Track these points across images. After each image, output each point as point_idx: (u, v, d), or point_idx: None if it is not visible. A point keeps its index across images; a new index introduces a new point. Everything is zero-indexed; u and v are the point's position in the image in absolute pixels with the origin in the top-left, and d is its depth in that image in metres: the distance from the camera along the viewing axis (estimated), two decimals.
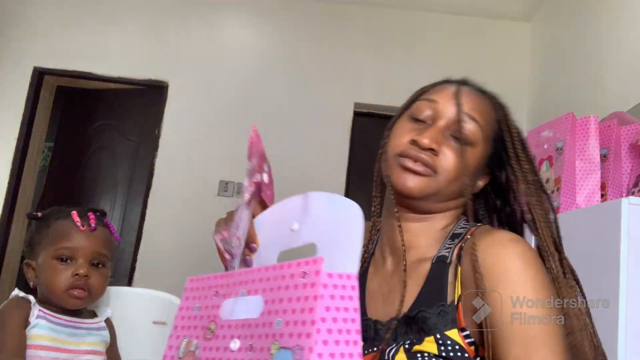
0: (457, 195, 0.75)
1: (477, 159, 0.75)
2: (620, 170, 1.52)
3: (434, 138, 0.72)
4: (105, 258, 1.02)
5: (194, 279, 0.59)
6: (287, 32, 3.50)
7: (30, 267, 1.01)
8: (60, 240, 0.98)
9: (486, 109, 0.77)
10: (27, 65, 3.36)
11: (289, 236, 0.59)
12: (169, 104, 3.37)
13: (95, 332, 1.01)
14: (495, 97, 0.82)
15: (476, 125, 0.74)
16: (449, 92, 0.76)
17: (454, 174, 0.72)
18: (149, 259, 3.19)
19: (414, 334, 0.66)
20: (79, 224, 0.99)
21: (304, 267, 0.46)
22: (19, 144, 3.30)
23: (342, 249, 0.52)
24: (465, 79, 0.82)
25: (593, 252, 1.26)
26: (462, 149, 0.73)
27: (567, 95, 2.73)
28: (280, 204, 0.63)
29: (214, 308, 0.54)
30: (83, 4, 3.47)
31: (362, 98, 3.40)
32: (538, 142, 1.75)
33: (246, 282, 0.52)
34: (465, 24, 3.45)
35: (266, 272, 0.50)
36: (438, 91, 0.78)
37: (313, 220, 0.57)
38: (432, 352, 0.64)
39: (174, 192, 3.27)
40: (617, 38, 2.30)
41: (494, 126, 0.77)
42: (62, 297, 0.97)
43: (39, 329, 0.93)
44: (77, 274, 0.96)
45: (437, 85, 0.80)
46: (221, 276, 0.56)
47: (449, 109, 0.75)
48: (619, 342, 1.10)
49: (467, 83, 0.81)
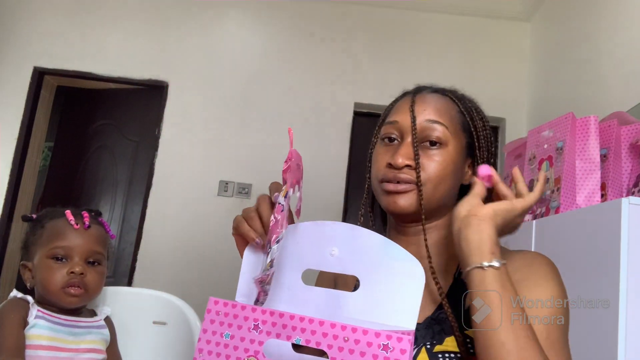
0: (450, 195, 0.79)
1: (453, 154, 0.77)
2: (620, 170, 1.51)
3: (405, 155, 0.75)
4: (101, 256, 1.02)
5: (219, 302, 0.57)
6: (287, 32, 3.50)
7: (26, 268, 1.01)
8: (55, 240, 0.98)
9: (445, 106, 0.80)
10: (27, 65, 3.36)
11: (324, 258, 0.59)
12: (169, 104, 3.37)
13: (95, 330, 1.01)
14: (453, 91, 0.85)
15: (440, 125, 0.77)
16: (406, 107, 0.80)
17: (437, 178, 0.75)
18: (149, 259, 3.19)
19: (436, 335, 0.69)
20: (72, 223, 0.99)
21: (389, 341, 0.45)
22: (19, 144, 3.30)
23: (398, 302, 0.52)
24: (421, 86, 0.86)
25: (593, 252, 1.26)
26: (437, 152, 0.76)
27: (567, 95, 2.73)
28: (316, 224, 0.61)
29: (253, 343, 0.53)
30: (83, 4, 3.47)
31: (362, 98, 3.40)
32: (538, 142, 1.75)
33: (304, 329, 0.50)
34: (465, 24, 3.45)
35: (333, 328, 0.49)
36: (396, 110, 0.82)
37: (360, 255, 0.57)
38: (453, 350, 0.67)
39: (174, 192, 3.27)
40: (617, 38, 2.30)
41: (460, 117, 0.80)
42: (58, 295, 0.97)
43: (38, 328, 0.93)
44: (72, 272, 0.96)
45: (396, 103, 0.84)
46: (263, 311, 0.54)
47: (410, 122, 0.78)
48: (619, 342, 1.10)
49: (422, 89, 0.84)
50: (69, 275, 0.96)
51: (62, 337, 0.95)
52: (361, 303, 0.55)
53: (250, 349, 0.53)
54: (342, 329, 0.48)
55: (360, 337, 0.46)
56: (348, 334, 0.47)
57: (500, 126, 3.35)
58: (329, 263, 0.58)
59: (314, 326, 0.50)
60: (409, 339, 0.45)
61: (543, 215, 1.65)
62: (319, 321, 0.50)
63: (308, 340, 0.49)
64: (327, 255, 0.58)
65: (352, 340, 0.47)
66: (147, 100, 3.46)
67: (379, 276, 0.54)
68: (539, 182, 0.71)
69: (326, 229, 0.60)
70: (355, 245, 0.57)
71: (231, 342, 0.54)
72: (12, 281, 3.41)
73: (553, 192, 1.61)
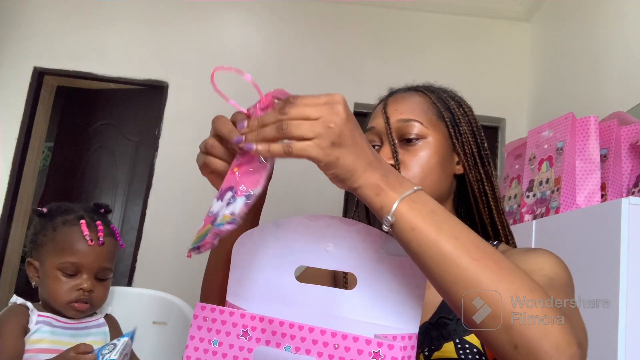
0: (443, 187, 0.77)
1: (436, 146, 0.77)
2: (620, 170, 1.51)
3: (385, 155, 0.75)
4: (109, 271, 1.01)
5: (206, 307, 0.54)
6: (287, 32, 3.50)
7: (32, 266, 1.00)
8: (66, 253, 0.96)
9: (417, 101, 0.80)
10: (27, 65, 3.36)
11: (319, 254, 0.56)
12: (169, 104, 3.37)
13: (95, 329, 1.00)
14: (425, 86, 0.85)
15: (414, 122, 0.76)
16: (379, 112, 0.81)
17: (422, 173, 0.75)
18: (149, 259, 3.19)
19: (434, 341, 0.67)
20: (87, 238, 0.97)
21: (379, 349, 0.43)
22: (19, 144, 3.30)
23: (399, 301, 0.49)
24: (392, 90, 0.87)
25: (593, 252, 1.26)
26: (416, 148, 0.76)
27: (567, 95, 2.73)
28: (310, 218, 0.58)
29: (242, 350, 0.51)
30: (83, 4, 3.46)
31: (362, 98, 3.40)
32: (538, 142, 1.75)
33: (294, 336, 0.48)
34: (465, 24, 3.45)
35: (323, 335, 0.46)
36: (372, 117, 0.82)
37: (357, 251, 0.54)
38: (451, 357, 0.64)
39: (174, 192, 3.27)
40: (617, 38, 2.30)
41: (434, 109, 0.79)
42: (63, 308, 0.96)
43: (40, 334, 0.92)
44: (81, 289, 0.95)
45: (373, 112, 0.85)
46: (252, 317, 0.51)
47: (384, 125, 0.78)
48: (619, 342, 1.10)
49: (395, 92, 0.86)
50: (77, 291, 0.95)
51: (64, 339, 0.94)
52: (359, 302, 0.53)
53: (240, 357, 0.51)
54: (332, 335, 0.46)
55: (351, 344, 0.45)
56: (338, 340, 0.45)
57: (500, 126, 3.35)
58: (324, 259, 0.55)
59: (303, 333, 0.48)
60: (400, 346, 0.43)
61: (543, 215, 1.65)
62: (309, 328, 0.48)
63: (298, 347, 0.47)
64: (322, 251, 0.55)
65: (342, 347, 0.45)
66: (147, 100, 3.46)
67: (377, 273, 0.52)
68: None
69: (321, 223, 0.56)
70: (352, 241, 0.54)
71: (219, 349, 0.52)
72: (12, 281, 3.41)
73: (553, 192, 1.61)
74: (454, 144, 0.79)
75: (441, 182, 0.77)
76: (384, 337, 0.46)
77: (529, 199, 1.76)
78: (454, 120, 0.79)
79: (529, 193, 1.76)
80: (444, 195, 0.78)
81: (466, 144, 0.79)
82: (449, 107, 0.80)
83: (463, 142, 0.79)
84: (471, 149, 0.79)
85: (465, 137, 0.79)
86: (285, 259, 0.57)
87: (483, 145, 0.81)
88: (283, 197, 2.95)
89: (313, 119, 0.49)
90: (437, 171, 0.75)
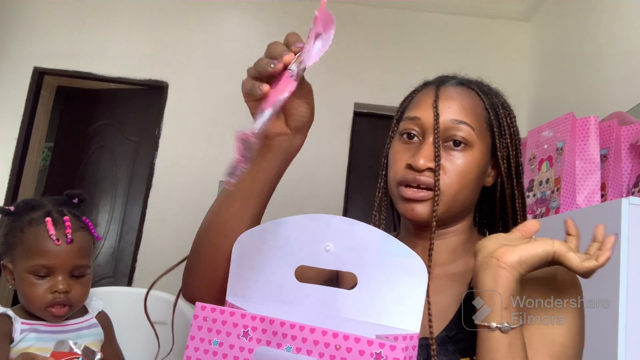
0: (472, 199, 0.74)
1: (478, 157, 0.71)
2: (620, 170, 1.51)
3: (427, 156, 0.69)
4: (86, 267, 0.95)
5: (207, 307, 0.54)
6: (287, 32, 3.49)
7: (7, 269, 0.94)
8: (35, 256, 0.90)
9: (472, 102, 0.73)
10: (27, 65, 3.36)
11: (319, 254, 0.55)
12: (169, 104, 3.37)
13: (86, 331, 0.96)
14: (478, 83, 0.78)
15: (466, 126, 0.70)
16: (429, 102, 0.72)
17: (459, 184, 0.70)
18: (149, 259, 3.18)
19: (449, 355, 0.65)
20: (54, 238, 0.90)
21: (381, 350, 0.43)
22: (19, 144, 3.30)
23: (400, 301, 0.49)
24: (444, 76, 0.79)
25: None
26: (461, 155, 0.70)
27: (567, 95, 2.73)
28: (310, 217, 0.57)
29: (243, 350, 0.50)
30: (83, 4, 3.46)
31: (362, 98, 3.40)
32: (538, 142, 1.75)
33: (295, 337, 0.48)
34: (465, 24, 3.45)
35: (324, 335, 0.46)
36: (418, 104, 0.74)
37: (357, 251, 0.53)
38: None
39: (174, 192, 3.27)
40: (617, 38, 2.29)
41: (486, 115, 0.74)
42: (41, 313, 0.91)
43: (26, 342, 0.88)
44: (55, 291, 0.90)
45: (416, 95, 0.77)
46: (252, 317, 0.51)
47: (432, 120, 0.71)
48: (619, 342, 1.10)
49: (446, 80, 0.77)
50: (52, 293, 0.90)
51: (51, 346, 0.87)
52: (360, 302, 0.52)
53: (240, 357, 0.50)
54: (333, 336, 0.46)
55: (352, 345, 0.44)
56: (340, 341, 0.45)
57: None
58: (324, 259, 0.54)
59: (305, 333, 0.47)
60: (402, 347, 0.42)
61: (543, 215, 1.65)
62: (310, 328, 0.47)
63: (299, 348, 0.47)
64: (322, 250, 0.55)
65: (343, 348, 0.45)
66: (147, 100, 3.46)
67: (378, 273, 0.51)
68: (605, 248, 0.63)
69: (321, 222, 0.56)
70: (352, 240, 0.53)
71: (220, 349, 0.51)
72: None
73: (553, 192, 1.61)
74: (494, 156, 0.74)
75: (473, 195, 0.73)
76: (385, 337, 0.46)
77: (529, 199, 1.76)
78: (501, 132, 0.74)
79: (529, 193, 1.76)
80: (470, 208, 0.75)
81: (506, 159, 0.74)
82: (499, 116, 0.74)
83: (503, 157, 0.74)
84: (509, 164, 0.75)
85: (506, 151, 0.74)
86: (285, 259, 0.57)
87: (520, 159, 0.77)
88: (283, 197, 2.95)
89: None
90: (473, 184, 0.71)
